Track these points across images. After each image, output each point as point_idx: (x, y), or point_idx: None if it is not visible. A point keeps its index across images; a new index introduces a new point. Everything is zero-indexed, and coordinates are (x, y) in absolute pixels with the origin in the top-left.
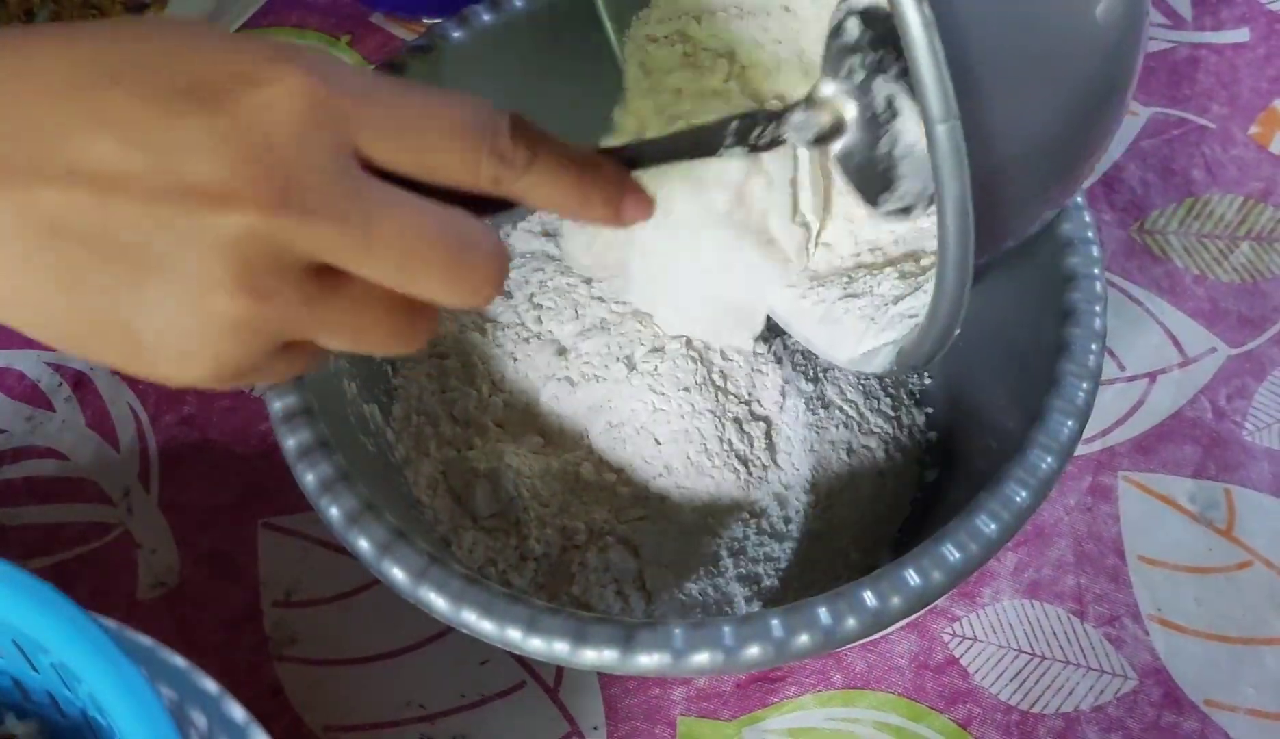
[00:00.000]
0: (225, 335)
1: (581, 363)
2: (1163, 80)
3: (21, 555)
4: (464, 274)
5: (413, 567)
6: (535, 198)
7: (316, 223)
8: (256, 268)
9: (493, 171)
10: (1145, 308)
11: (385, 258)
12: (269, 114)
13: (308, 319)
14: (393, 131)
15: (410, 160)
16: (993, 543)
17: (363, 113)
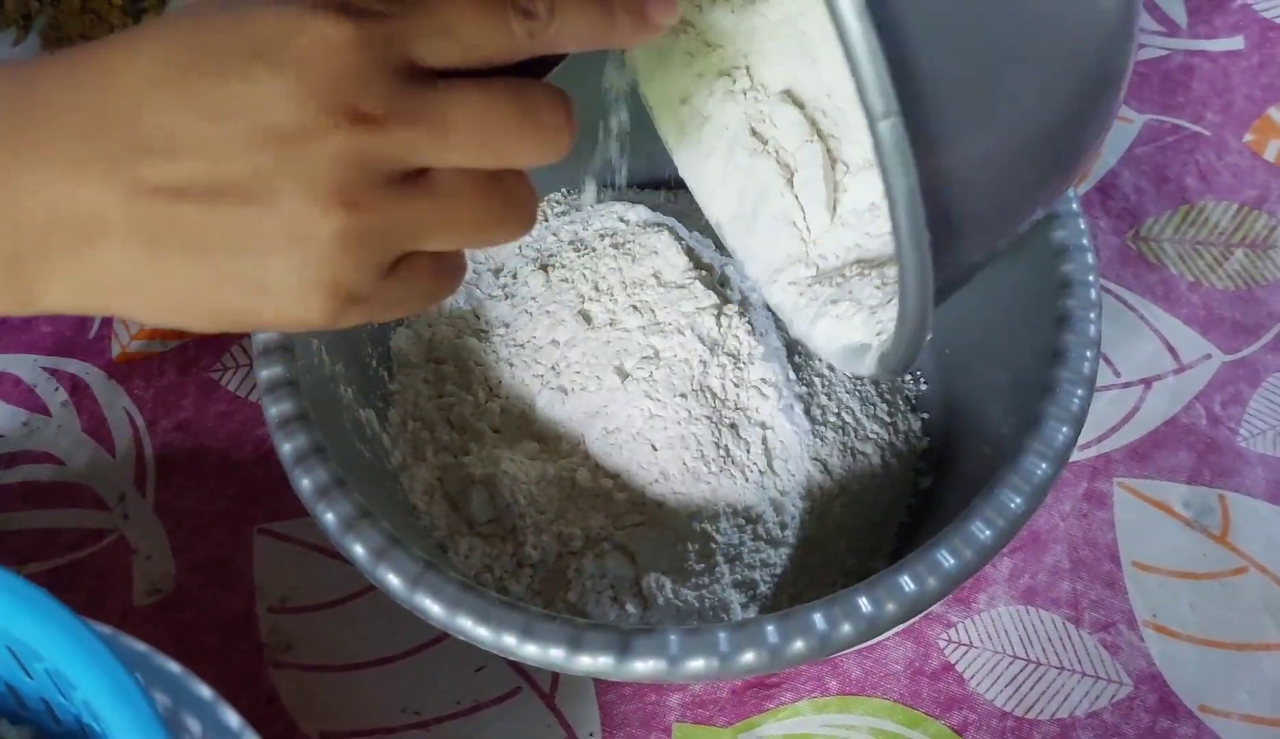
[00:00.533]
0: (334, 253)
1: (573, 371)
2: (1157, 87)
3: (17, 561)
4: (539, 126)
5: (408, 573)
6: (570, 39)
7: (392, 128)
8: (348, 183)
9: (525, 29)
10: (1140, 315)
11: (466, 140)
12: (323, 53)
13: (408, 220)
14: (433, 34)
15: (455, 52)
16: (988, 549)
17: (402, 25)
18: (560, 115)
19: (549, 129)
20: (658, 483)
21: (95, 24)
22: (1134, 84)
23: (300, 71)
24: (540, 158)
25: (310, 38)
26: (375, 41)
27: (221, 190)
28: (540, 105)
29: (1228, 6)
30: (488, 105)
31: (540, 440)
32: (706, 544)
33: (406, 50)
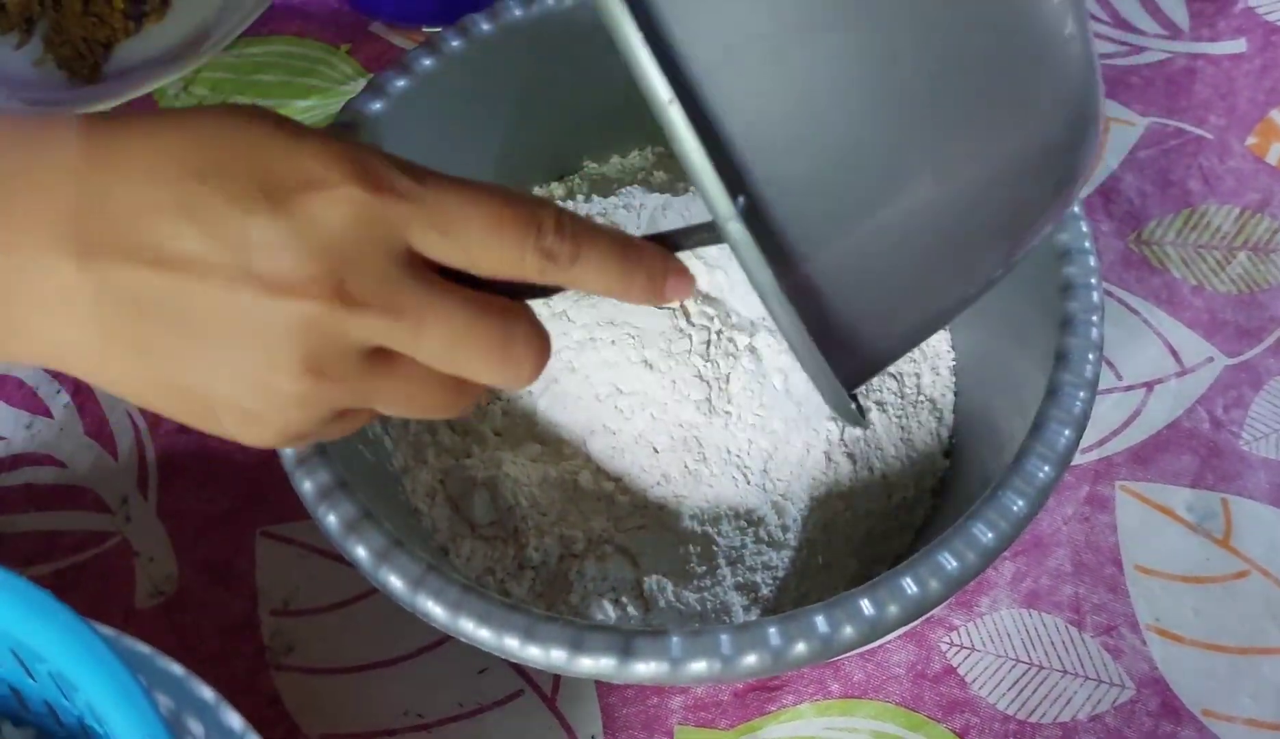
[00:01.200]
0: (289, 408)
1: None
2: (1160, 91)
3: (20, 563)
4: (507, 359)
5: (410, 575)
6: (581, 285)
7: (370, 314)
8: (317, 352)
9: (538, 265)
10: (1143, 318)
11: (434, 345)
12: (329, 216)
13: (364, 393)
14: (442, 230)
15: (459, 256)
16: (990, 552)
17: (413, 212)
18: (532, 353)
19: (516, 363)
20: (659, 485)
21: (97, 27)
22: (1137, 87)
23: (303, 227)
24: (499, 383)
25: (324, 196)
26: (384, 221)
27: (189, 314)
28: (518, 339)
29: (1230, 10)
30: (468, 322)
31: (542, 443)
32: (708, 546)
33: (412, 237)
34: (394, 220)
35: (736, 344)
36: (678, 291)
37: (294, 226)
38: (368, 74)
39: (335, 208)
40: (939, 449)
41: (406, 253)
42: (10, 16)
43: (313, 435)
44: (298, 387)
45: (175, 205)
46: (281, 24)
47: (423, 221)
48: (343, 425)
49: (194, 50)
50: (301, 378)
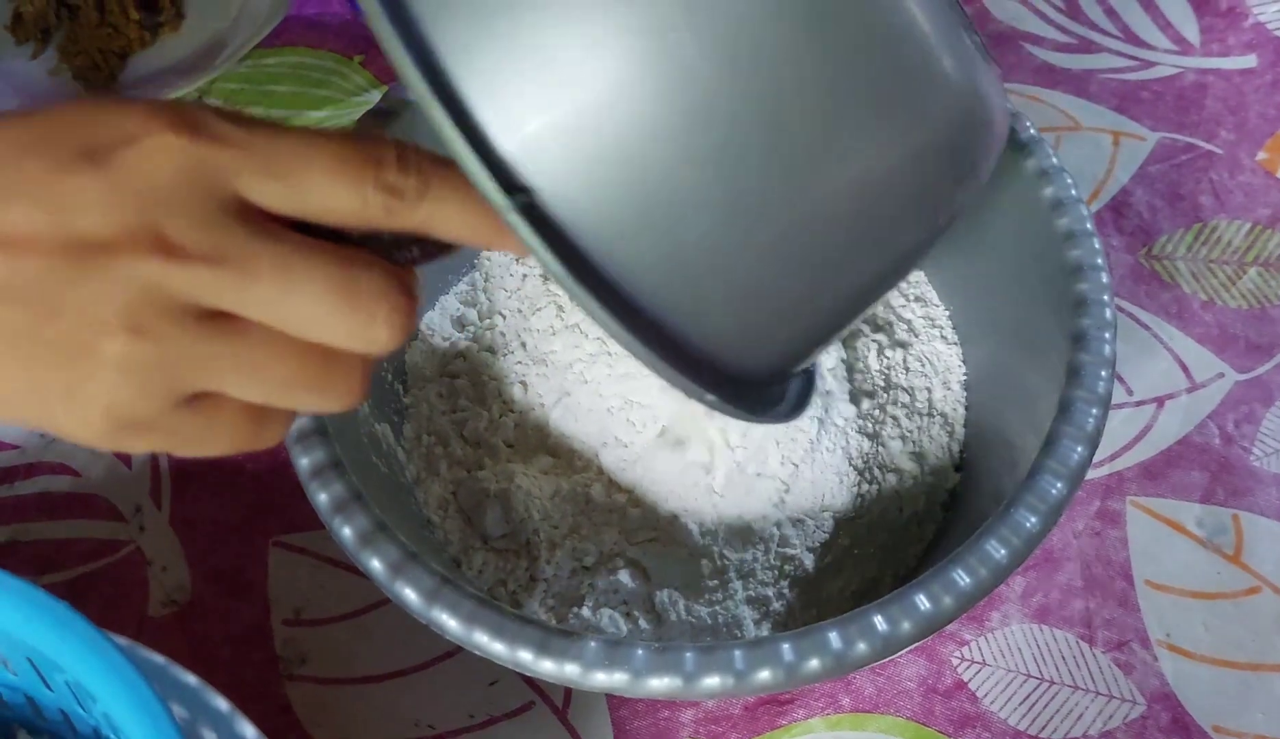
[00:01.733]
0: (115, 377)
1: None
2: (1170, 106)
3: (33, 571)
4: (353, 307)
5: (425, 587)
6: (439, 227)
7: (190, 263)
8: (139, 310)
9: (381, 203)
10: (1153, 333)
11: (265, 294)
12: (148, 166)
13: (201, 362)
14: (270, 174)
15: (294, 201)
16: (1003, 568)
17: (241, 159)
18: (384, 301)
19: (364, 311)
20: (672, 499)
21: (113, 37)
22: (1147, 102)
23: (118, 181)
24: (351, 339)
25: (141, 148)
26: (204, 167)
27: (18, 292)
28: (363, 285)
29: (1241, 25)
30: (302, 268)
31: (554, 455)
32: (720, 560)
33: (237, 184)
34: (219, 167)
35: None
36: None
37: (110, 181)
38: (381, 85)
39: (152, 158)
40: (950, 463)
41: (236, 202)
42: (26, 27)
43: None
44: (116, 347)
45: (4, 186)
46: (295, 35)
47: (253, 168)
48: (196, 418)
49: (208, 61)
50: (121, 338)
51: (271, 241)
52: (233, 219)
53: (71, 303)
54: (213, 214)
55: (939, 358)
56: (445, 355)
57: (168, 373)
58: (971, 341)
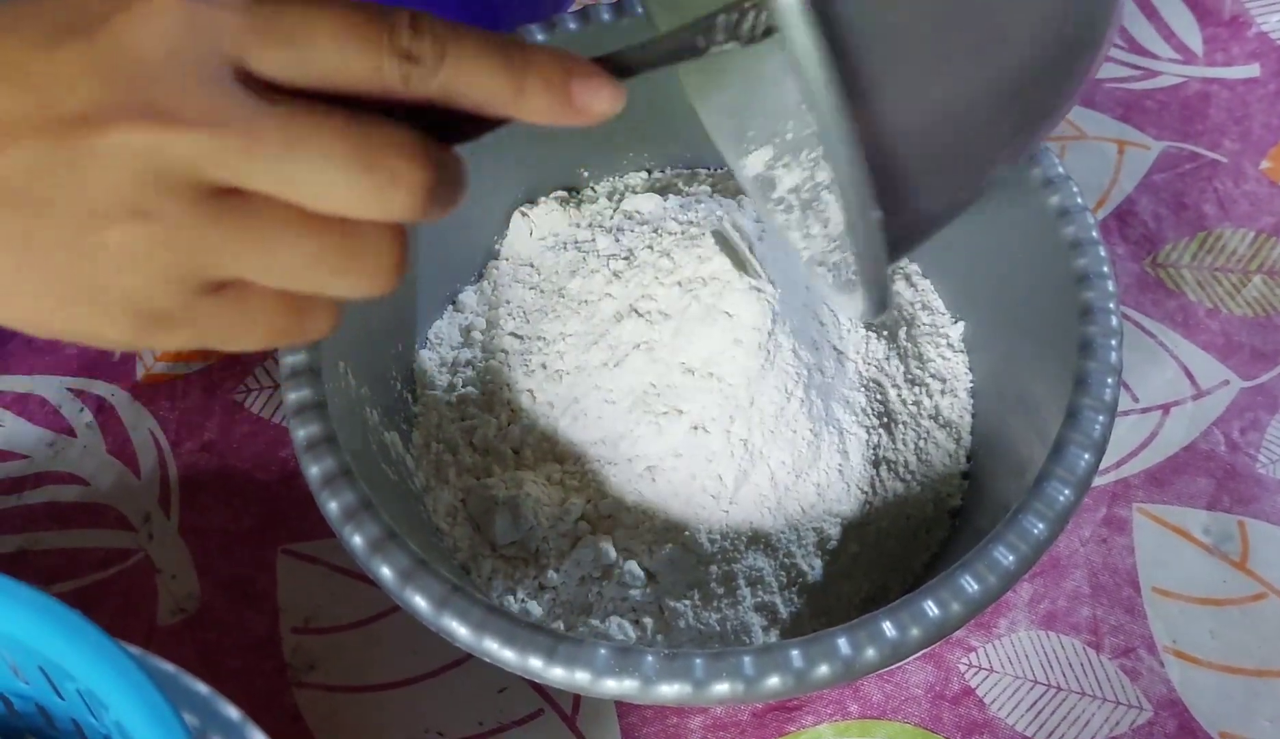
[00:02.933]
0: (127, 266)
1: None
2: (1175, 115)
3: (43, 580)
4: (368, 171)
5: (435, 595)
6: (459, 94)
7: (189, 129)
8: (139, 189)
9: (398, 71)
10: (1159, 341)
11: (271, 157)
12: (139, 33)
13: (213, 243)
14: (275, 40)
15: (304, 69)
16: (1010, 574)
17: (244, 23)
18: (403, 163)
19: (385, 176)
20: (680, 506)
21: None
22: (1151, 111)
23: (103, 47)
24: (370, 208)
25: (131, 13)
26: (201, 30)
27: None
28: (383, 148)
29: (1244, 35)
30: (311, 128)
31: (563, 462)
32: (728, 568)
33: (237, 51)
34: (220, 31)
35: None
36: (592, 99)
37: (96, 51)
38: None
39: (145, 24)
40: (957, 471)
41: (239, 70)
42: None
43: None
44: (120, 235)
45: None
46: None
47: (256, 33)
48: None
49: None
50: (121, 221)
51: (274, 104)
52: (231, 83)
53: (68, 191)
54: (210, 78)
55: (946, 366)
56: (454, 363)
57: (181, 256)
58: (978, 350)
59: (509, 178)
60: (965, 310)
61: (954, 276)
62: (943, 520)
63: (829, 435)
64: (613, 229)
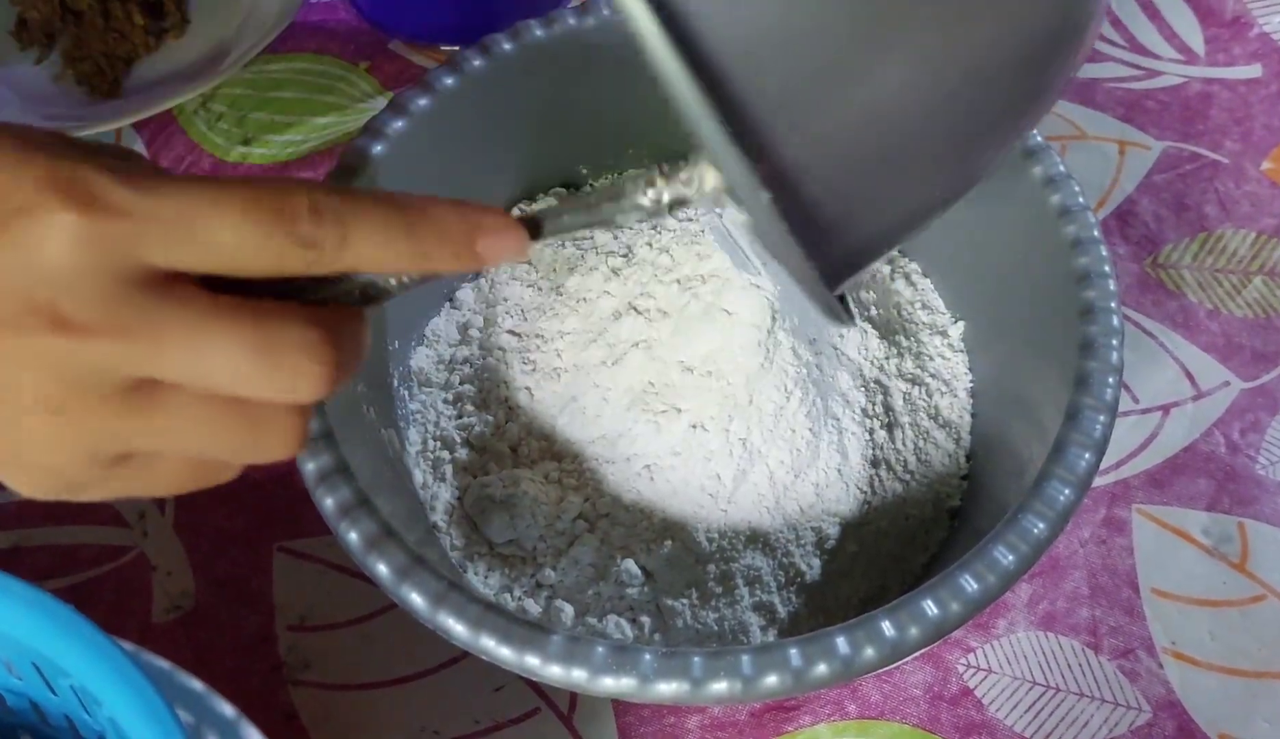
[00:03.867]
0: (45, 450)
1: (597, 394)
2: (1176, 115)
3: (37, 577)
4: (273, 363)
5: (431, 592)
6: (370, 267)
7: (97, 338)
8: (53, 389)
9: (302, 260)
10: (1159, 341)
11: (177, 359)
12: (42, 245)
13: (124, 431)
14: (175, 238)
15: (204, 261)
16: (1010, 574)
17: (137, 228)
18: (306, 353)
19: (287, 370)
20: (678, 505)
21: (118, 43)
22: (1153, 111)
23: (13, 256)
24: (276, 396)
25: (33, 221)
26: (100, 240)
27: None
28: (285, 344)
29: (1246, 35)
30: (213, 330)
31: (560, 461)
32: (726, 567)
33: (139, 253)
34: (116, 239)
35: None
36: (498, 252)
37: (6, 260)
38: (386, 92)
39: (45, 233)
40: (957, 472)
41: (139, 270)
42: (31, 32)
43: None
44: (38, 424)
45: None
46: (301, 41)
47: (154, 235)
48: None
49: (214, 67)
50: (40, 414)
51: (178, 306)
52: (134, 289)
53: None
54: (111, 286)
55: (946, 366)
56: (451, 361)
57: (95, 444)
58: (978, 350)
59: (507, 175)
60: (965, 310)
61: (954, 276)
62: (942, 520)
63: (828, 435)
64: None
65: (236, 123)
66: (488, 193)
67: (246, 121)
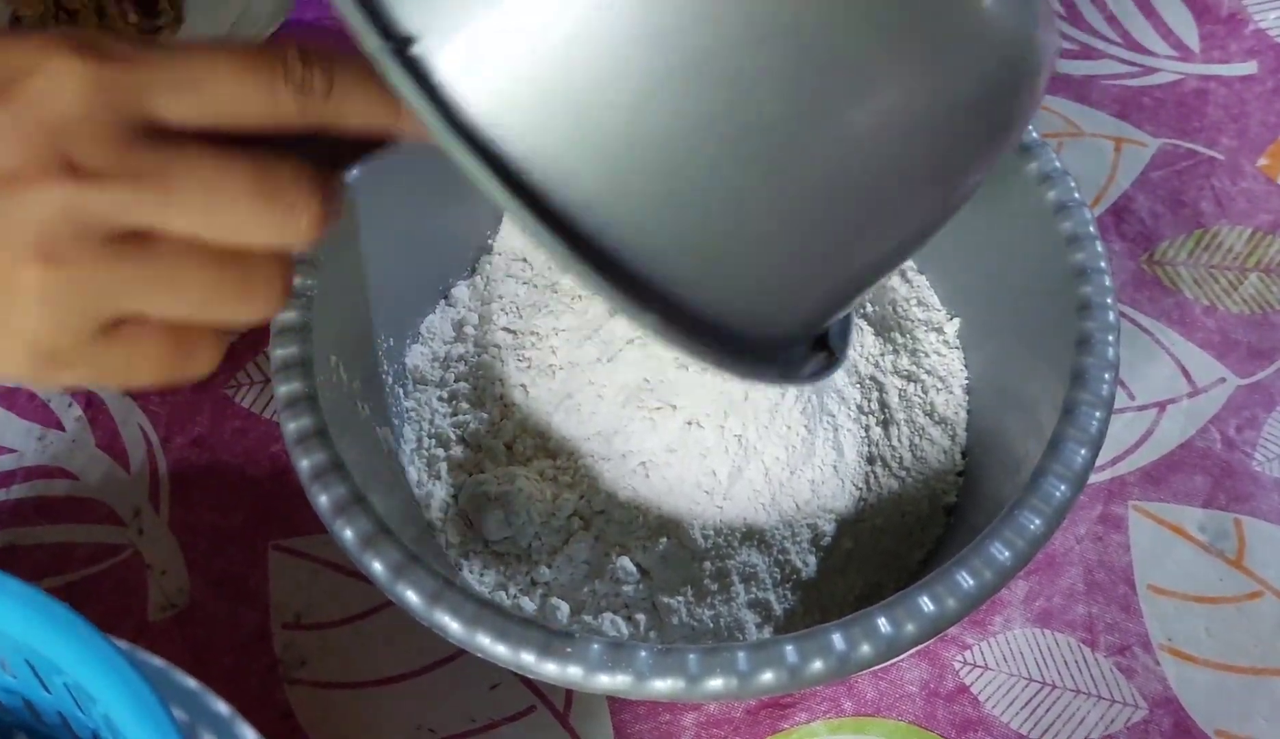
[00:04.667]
0: (34, 307)
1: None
2: (1171, 112)
3: (32, 576)
4: (272, 206)
5: (427, 590)
6: (350, 116)
7: (108, 184)
8: (56, 236)
9: (294, 102)
10: (1155, 338)
11: (187, 205)
12: (49, 95)
13: (119, 284)
14: (180, 88)
15: (205, 111)
16: (1007, 570)
17: (145, 77)
18: (299, 192)
19: (278, 205)
20: (673, 502)
21: None
22: (1148, 108)
23: (21, 111)
24: (272, 237)
25: (41, 77)
26: (111, 88)
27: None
28: (277, 179)
29: (1241, 32)
30: (218, 172)
31: (555, 458)
32: (722, 564)
33: (146, 103)
34: (125, 87)
35: None
36: None
37: (12, 112)
38: None
39: (56, 83)
40: (952, 468)
41: (145, 120)
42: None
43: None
44: (33, 277)
45: None
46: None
47: (160, 84)
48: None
49: None
50: (38, 266)
51: (183, 153)
52: (143, 137)
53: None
54: (123, 133)
55: (942, 363)
56: (446, 359)
57: (86, 298)
58: (973, 346)
59: None
60: (961, 306)
61: (949, 272)
62: (938, 517)
63: (823, 431)
64: None
65: None
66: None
67: None
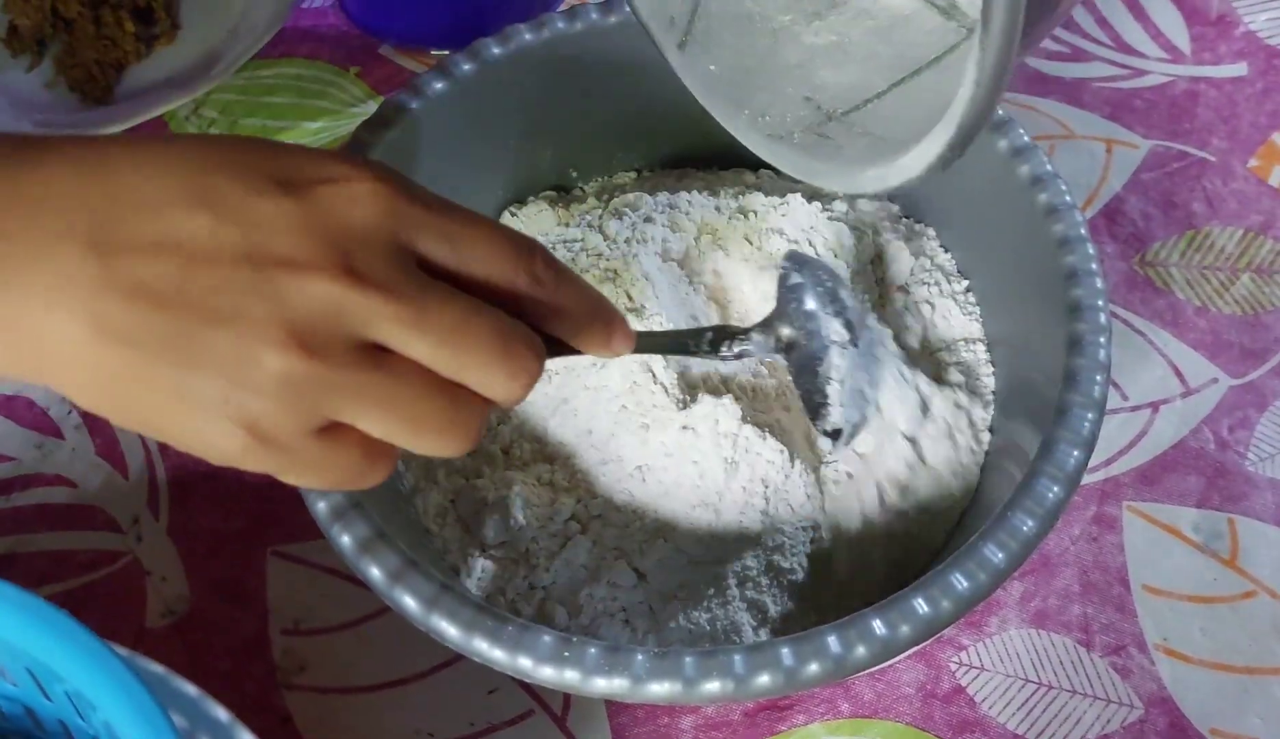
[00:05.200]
0: (271, 389)
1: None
2: (1163, 114)
3: (31, 583)
4: (508, 355)
5: (424, 595)
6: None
7: (375, 294)
8: (315, 327)
9: (528, 282)
10: (1148, 339)
11: (435, 335)
12: (348, 206)
13: (350, 389)
14: (450, 240)
15: (461, 265)
16: (1001, 572)
17: (426, 219)
18: (529, 359)
19: (512, 363)
20: (669, 506)
21: (109, 49)
22: (1139, 110)
23: (318, 210)
24: (493, 386)
25: (345, 189)
26: (399, 216)
27: (191, 298)
28: (516, 341)
29: (1232, 33)
30: (467, 315)
31: (551, 463)
32: (718, 567)
33: (419, 239)
34: (409, 219)
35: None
36: (622, 344)
37: (307, 210)
38: (377, 96)
39: (354, 198)
40: None
41: (414, 253)
42: (22, 39)
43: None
44: (282, 361)
45: (188, 195)
46: (292, 47)
47: (433, 228)
48: (321, 446)
49: (204, 73)
50: (287, 350)
51: (445, 293)
52: (412, 264)
53: (245, 311)
54: (397, 255)
55: None
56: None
57: (320, 394)
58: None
59: (497, 178)
60: None
61: None
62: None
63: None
64: (599, 226)
65: (229, 128)
66: (478, 196)
67: (238, 127)
